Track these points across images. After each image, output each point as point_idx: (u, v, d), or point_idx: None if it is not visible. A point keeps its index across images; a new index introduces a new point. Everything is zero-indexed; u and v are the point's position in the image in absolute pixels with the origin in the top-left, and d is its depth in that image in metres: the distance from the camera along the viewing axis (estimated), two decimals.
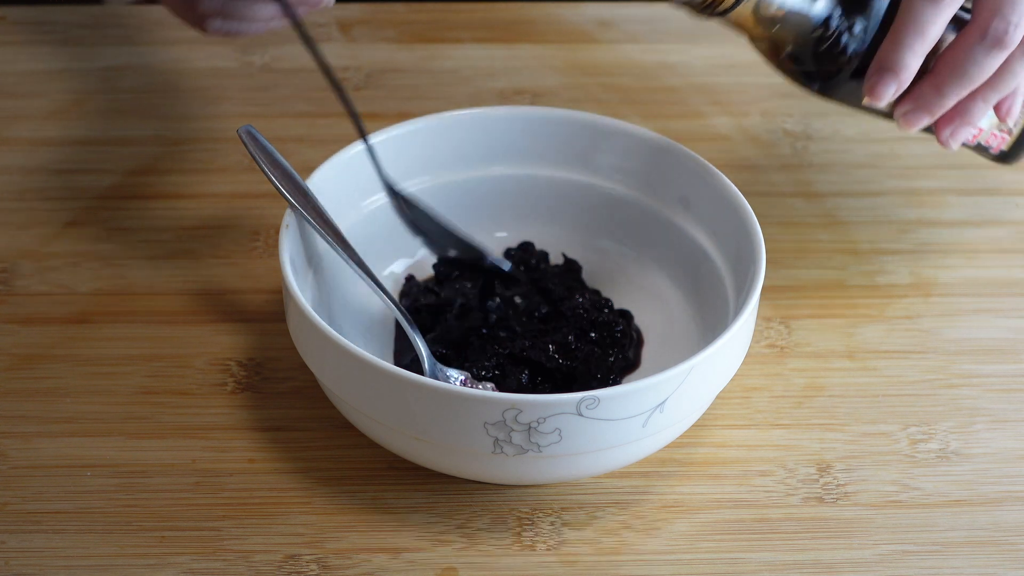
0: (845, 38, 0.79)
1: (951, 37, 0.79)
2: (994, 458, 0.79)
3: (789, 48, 0.80)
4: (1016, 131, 0.85)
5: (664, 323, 0.84)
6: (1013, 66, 0.79)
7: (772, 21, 0.78)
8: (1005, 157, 0.86)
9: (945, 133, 0.82)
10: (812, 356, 0.84)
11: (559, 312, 0.83)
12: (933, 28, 0.77)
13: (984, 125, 0.84)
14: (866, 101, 0.81)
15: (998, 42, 0.77)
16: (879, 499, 0.77)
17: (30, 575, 0.72)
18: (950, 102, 0.80)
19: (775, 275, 0.89)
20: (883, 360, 0.84)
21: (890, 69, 0.78)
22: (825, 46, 0.79)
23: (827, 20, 0.78)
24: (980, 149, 0.85)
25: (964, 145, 0.85)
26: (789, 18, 0.78)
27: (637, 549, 0.74)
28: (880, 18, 0.78)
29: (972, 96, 0.80)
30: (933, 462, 0.79)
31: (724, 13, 0.76)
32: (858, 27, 0.78)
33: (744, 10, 0.77)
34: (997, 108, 0.82)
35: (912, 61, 0.78)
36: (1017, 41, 0.78)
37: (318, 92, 1.02)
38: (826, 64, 0.79)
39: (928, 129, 0.83)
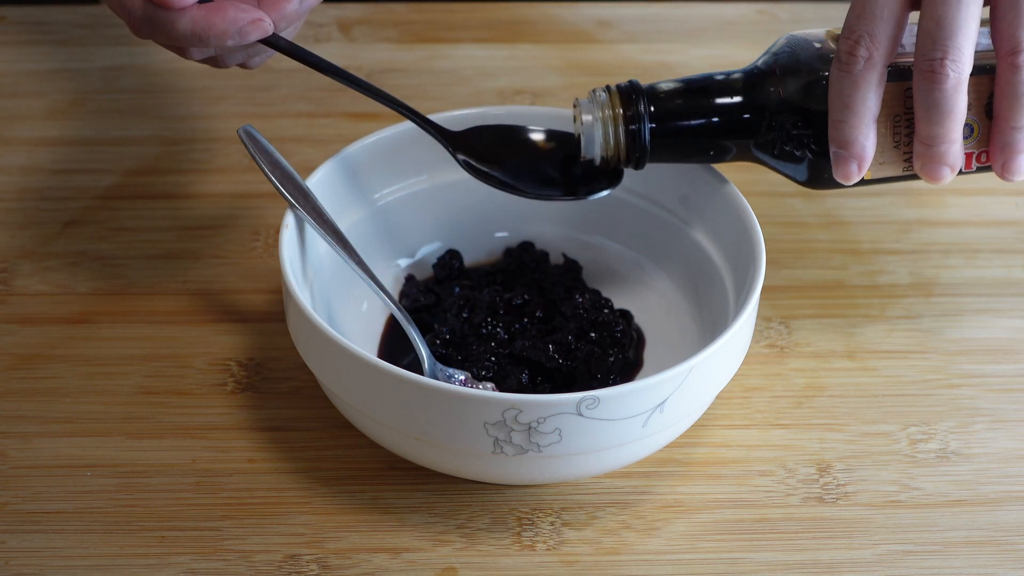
0: (789, 143, 0.77)
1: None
2: (994, 458, 0.79)
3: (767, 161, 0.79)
4: None
5: (664, 323, 0.84)
6: None
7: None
8: None
9: None
10: (812, 356, 0.84)
11: (559, 312, 0.83)
12: (855, 97, 0.73)
13: None
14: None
15: None
16: (879, 499, 0.77)
17: (30, 575, 0.72)
18: None
19: (775, 275, 0.89)
20: (883, 360, 0.84)
21: (841, 148, 0.75)
22: (783, 150, 0.77)
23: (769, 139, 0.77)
24: None
25: None
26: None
27: (637, 549, 0.74)
28: (802, 106, 0.76)
29: None
30: (933, 462, 0.79)
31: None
32: (792, 128, 0.77)
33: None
34: None
35: (853, 134, 0.74)
36: None
37: (318, 92, 1.02)
38: (800, 163, 0.78)
39: None
